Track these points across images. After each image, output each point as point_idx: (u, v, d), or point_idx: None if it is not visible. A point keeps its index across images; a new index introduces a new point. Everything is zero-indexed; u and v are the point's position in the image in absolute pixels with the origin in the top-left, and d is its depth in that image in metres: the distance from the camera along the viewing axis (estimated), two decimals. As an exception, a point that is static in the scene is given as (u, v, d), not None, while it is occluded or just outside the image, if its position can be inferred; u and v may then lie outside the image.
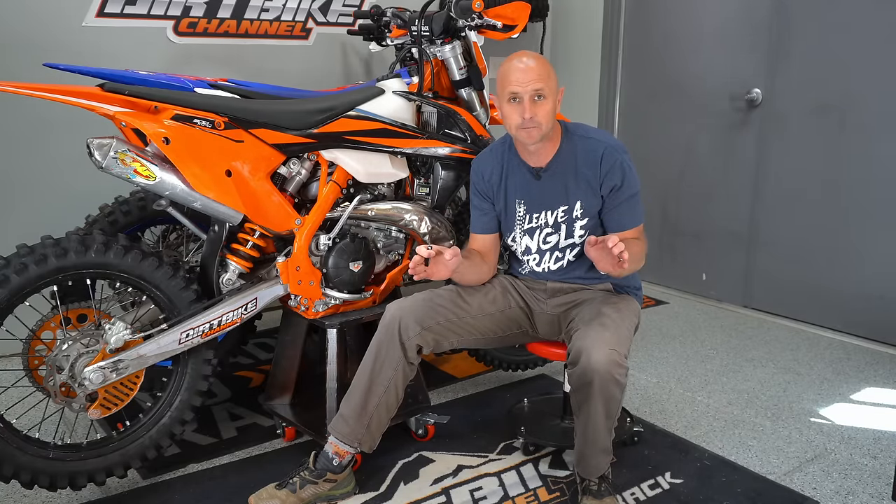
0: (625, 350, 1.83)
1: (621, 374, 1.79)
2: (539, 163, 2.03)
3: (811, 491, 2.12)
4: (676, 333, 3.44)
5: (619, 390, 1.82)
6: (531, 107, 1.88)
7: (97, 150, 1.87)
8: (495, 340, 2.16)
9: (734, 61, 3.69)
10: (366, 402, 1.98)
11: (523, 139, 1.95)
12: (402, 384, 2.00)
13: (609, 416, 1.85)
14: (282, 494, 1.96)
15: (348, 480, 2.05)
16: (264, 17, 3.33)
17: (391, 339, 1.96)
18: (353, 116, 2.19)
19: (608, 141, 2.03)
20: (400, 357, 1.96)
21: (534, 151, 2.01)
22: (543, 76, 1.89)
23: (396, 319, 1.96)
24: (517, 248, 2.12)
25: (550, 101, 1.91)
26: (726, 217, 3.81)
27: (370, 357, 1.99)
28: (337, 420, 2.02)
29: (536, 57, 1.93)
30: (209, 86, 2.08)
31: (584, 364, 1.78)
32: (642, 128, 4.19)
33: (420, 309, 1.98)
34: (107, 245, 1.91)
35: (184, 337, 2.00)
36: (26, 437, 1.93)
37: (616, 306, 1.97)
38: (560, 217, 2.04)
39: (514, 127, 1.93)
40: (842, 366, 3.05)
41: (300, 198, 2.25)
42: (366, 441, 2.01)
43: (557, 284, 2.12)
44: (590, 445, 1.89)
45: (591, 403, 1.81)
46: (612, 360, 1.77)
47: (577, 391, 1.84)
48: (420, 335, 1.96)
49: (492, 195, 2.11)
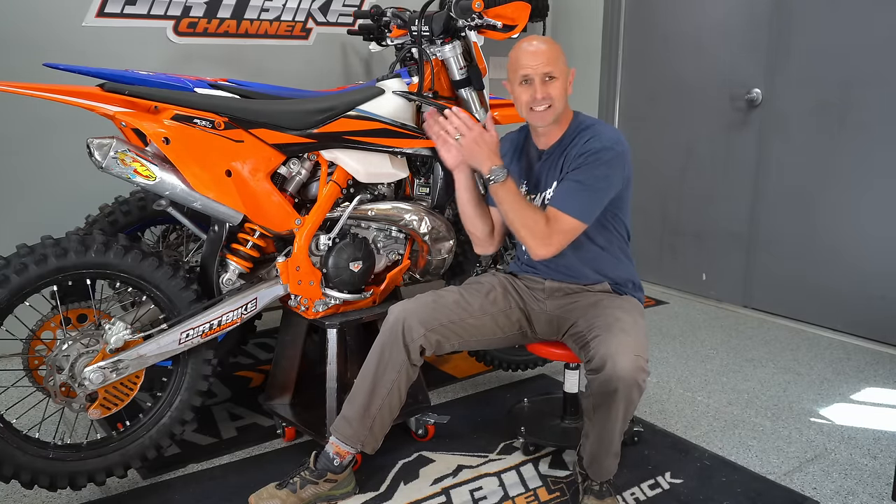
0: (647, 354, 1.82)
1: (644, 379, 1.79)
2: (545, 145, 2.08)
3: (811, 491, 2.12)
4: (676, 333, 3.44)
5: (639, 395, 1.81)
6: (542, 87, 1.93)
7: (97, 150, 1.87)
8: (496, 341, 2.15)
9: (734, 61, 3.69)
10: (369, 404, 1.97)
11: (536, 122, 2.00)
12: (405, 386, 2.00)
13: (626, 419, 1.85)
14: (282, 494, 1.96)
15: (348, 480, 2.05)
16: (264, 17, 3.33)
17: (395, 342, 1.95)
18: (353, 116, 2.19)
19: (604, 133, 2.00)
20: (403, 359, 1.96)
21: (542, 133, 2.06)
22: (552, 58, 1.94)
23: (400, 322, 1.96)
24: None
25: (561, 81, 1.96)
26: (726, 217, 3.81)
27: (373, 359, 1.98)
28: (339, 421, 2.02)
29: (546, 40, 1.98)
30: (209, 86, 2.08)
31: (610, 371, 1.75)
32: (642, 128, 4.19)
33: (424, 311, 1.98)
34: (107, 245, 1.91)
35: (184, 337, 2.00)
36: (26, 437, 1.92)
37: (627, 310, 1.96)
38: (547, 199, 2.04)
39: (525, 109, 1.98)
40: (842, 366, 3.05)
41: (300, 198, 2.24)
42: (369, 443, 2.01)
43: (555, 284, 2.12)
44: (604, 449, 1.89)
45: (613, 409, 1.80)
46: (638, 367, 1.76)
47: (600, 396, 1.81)
48: (424, 337, 1.96)
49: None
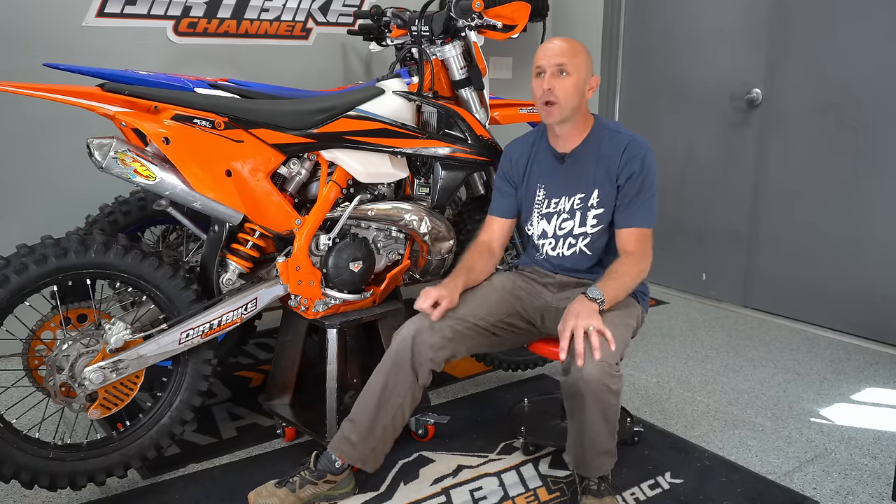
0: (616, 358, 1.82)
1: (614, 382, 1.79)
2: (565, 148, 2.07)
3: (811, 491, 2.12)
4: (676, 333, 3.44)
5: (613, 396, 1.81)
6: (550, 79, 1.95)
7: (97, 150, 1.87)
8: (507, 343, 2.14)
9: (734, 61, 3.69)
10: (372, 426, 1.96)
11: (544, 117, 2.01)
12: (410, 409, 1.99)
13: (608, 420, 1.85)
14: (281, 493, 1.96)
15: (347, 481, 2.04)
16: (264, 17, 3.33)
17: (402, 364, 1.93)
18: (353, 116, 2.19)
19: (636, 137, 2.07)
20: (412, 383, 1.95)
21: (560, 135, 2.06)
22: (568, 53, 1.96)
23: (408, 347, 1.92)
24: (534, 231, 2.13)
25: (573, 78, 1.96)
26: (726, 217, 3.81)
27: (378, 381, 1.96)
28: (340, 440, 1.99)
29: (570, 40, 2.01)
30: (209, 86, 2.08)
31: (576, 374, 1.78)
32: (642, 128, 4.16)
33: (431, 332, 1.94)
34: (107, 245, 1.91)
35: (184, 337, 2.00)
36: (26, 437, 1.92)
37: (613, 312, 1.96)
38: (577, 204, 2.06)
39: (538, 101, 2.00)
40: (842, 366, 3.05)
41: (300, 198, 2.24)
42: (370, 462, 2.00)
43: (566, 278, 2.12)
44: (588, 447, 1.89)
45: (586, 411, 1.82)
46: (603, 372, 1.77)
47: (570, 399, 1.84)
48: (432, 360, 1.94)
49: (517, 179, 2.16)
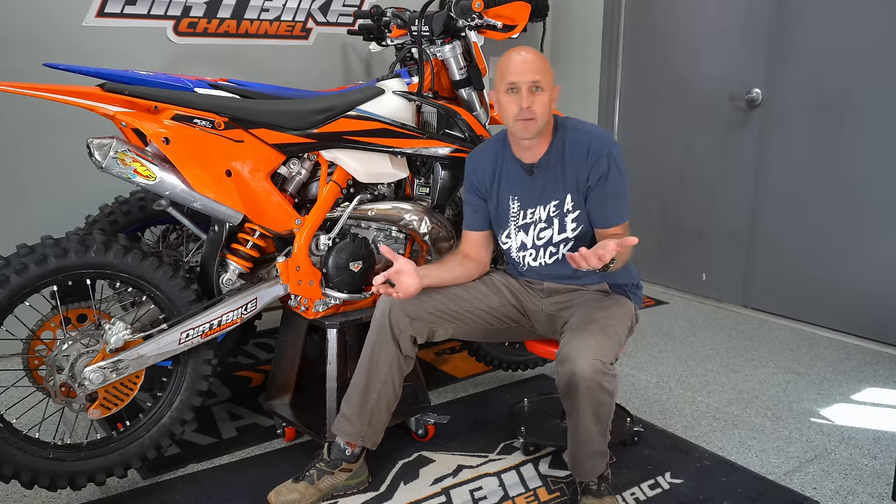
0: (611, 357, 1.83)
1: (608, 380, 1.80)
2: (532, 159, 2.05)
3: (811, 491, 2.12)
4: (676, 333, 3.44)
5: (607, 396, 1.82)
6: (528, 97, 1.91)
7: (97, 150, 1.87)
8: (492, 333, 2.16)
9: (734, 61, 3.69)
10: (365, 399, 1.99)
11: (519, 131, 1.97)
12: (399, 379, 2.02)
13: (600, 420, 1.85)
14: (300, 487, 1.98)
15: (363, 469, 2.08)
16: (264, 17, 3.33)
17: (383, 335, 1.98)
18: (353, 116, 2.19)
19: (596, 133, 2.05)
20: (394, 352, 1.98)
21: (527, 147, 2.03)
22: (541, 69, 1.93)
23: (386, 315, 1.98)
24: (512, 244, 2.12)
25: (547, 94, 1.94)
26: (726, 217, 3.81)
27: (366, 355, 2.01)
28: (339, 420, 2.04)
29: (534, 51, 1.97)
30: (209, 86, 2.08)
31: (569, 371, 1.79)
32: (642, 128, 4.19)
33: (409, 301, 1.98)
34: (107, 245, 1.91)
35: (184, 337, 2.00)
36: (26, 437, 1.92)
37: (608, 311, 1.97)
38: (552, 212, 2.04)
39: (512, 118, 1.96)
40: (842, 366, 3.05)
41: (300, 198, 2.24)
42: (369, 437, 2.03)
43: (554, 285, 2.12)
44: (581, 448, 1.90)
45: (580, 409, 1.83)
46: (596, 370, 1.77)
47: (565, 397, 1.85)
48: (411, 325, 1.97)
49: (484, 191, 2.12)
